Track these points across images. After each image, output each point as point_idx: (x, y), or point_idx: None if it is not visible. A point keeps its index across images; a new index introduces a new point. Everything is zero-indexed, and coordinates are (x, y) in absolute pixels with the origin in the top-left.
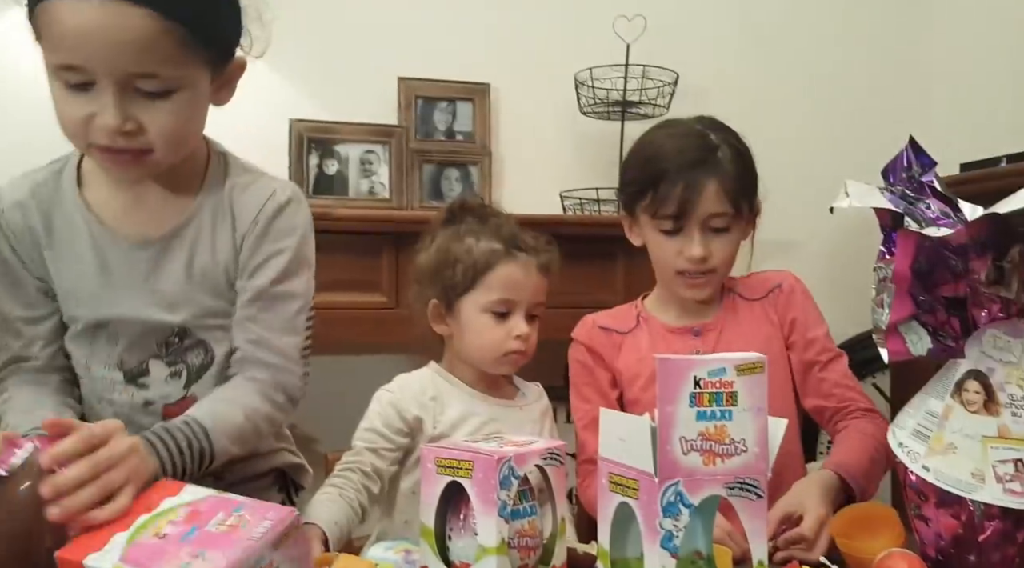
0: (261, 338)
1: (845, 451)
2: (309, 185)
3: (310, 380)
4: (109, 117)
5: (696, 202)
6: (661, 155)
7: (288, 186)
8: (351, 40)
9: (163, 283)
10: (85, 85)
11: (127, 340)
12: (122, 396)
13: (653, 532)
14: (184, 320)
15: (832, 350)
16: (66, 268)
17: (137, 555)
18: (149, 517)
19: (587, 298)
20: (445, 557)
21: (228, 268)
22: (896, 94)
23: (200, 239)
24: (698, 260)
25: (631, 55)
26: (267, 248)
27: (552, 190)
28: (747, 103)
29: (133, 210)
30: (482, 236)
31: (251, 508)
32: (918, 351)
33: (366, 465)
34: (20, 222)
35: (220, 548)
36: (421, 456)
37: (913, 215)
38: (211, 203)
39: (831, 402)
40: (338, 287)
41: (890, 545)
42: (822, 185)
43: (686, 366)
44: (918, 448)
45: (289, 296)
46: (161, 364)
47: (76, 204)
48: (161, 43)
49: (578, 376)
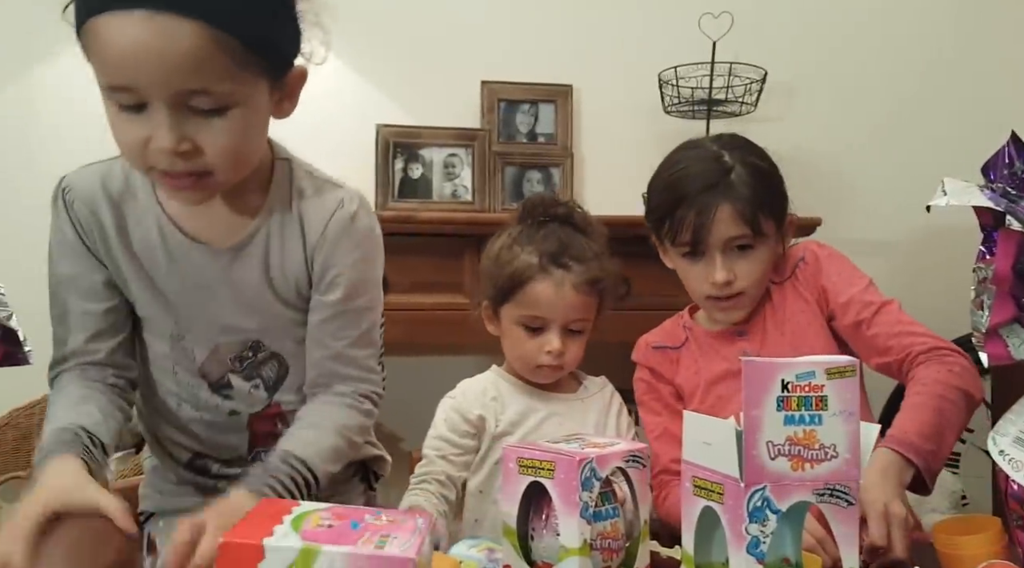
0: (339, 354)
1: (900, 417)
2: (394, 189)
3: (395, 380)
4: (164, 139)
5: (710, 227)
6: (677, 182)
7: (355, 195)
8: (435, 45)
9: (236, 292)
10: (138, 106)
11: (204, 352)
12: (208, 403)
13: (739, 537)
14: (258, 331)
15: (874, 302)
16: (143, 267)
17: (319, 536)
18: (293, 517)
19: (669, 299)
20: (528, 557)
21: (299, 281)
22: (996, 88)
23: (271, 250)
24: (722, 285)
25: (717, 53)
26: (338, 262)
27: (634, 191)
28: (837, 100)
29: (202, 217)
30: (527, 247)
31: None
32: (1020, 354)
33: (440, 474)
34: (89, 215)
35: (401, 533)
36: (503, 455)
37: (1016, 213)
38: (279, 212)
39: (892, 355)
40: (421, 289)
41: (990, 544)
42: (917, 183)
43: (773, 369)
44: (1021, 457)
45: (363, 310)
46: (239, 378)
47: (150, 203)
48: (214, 57)
49: (644, 394)
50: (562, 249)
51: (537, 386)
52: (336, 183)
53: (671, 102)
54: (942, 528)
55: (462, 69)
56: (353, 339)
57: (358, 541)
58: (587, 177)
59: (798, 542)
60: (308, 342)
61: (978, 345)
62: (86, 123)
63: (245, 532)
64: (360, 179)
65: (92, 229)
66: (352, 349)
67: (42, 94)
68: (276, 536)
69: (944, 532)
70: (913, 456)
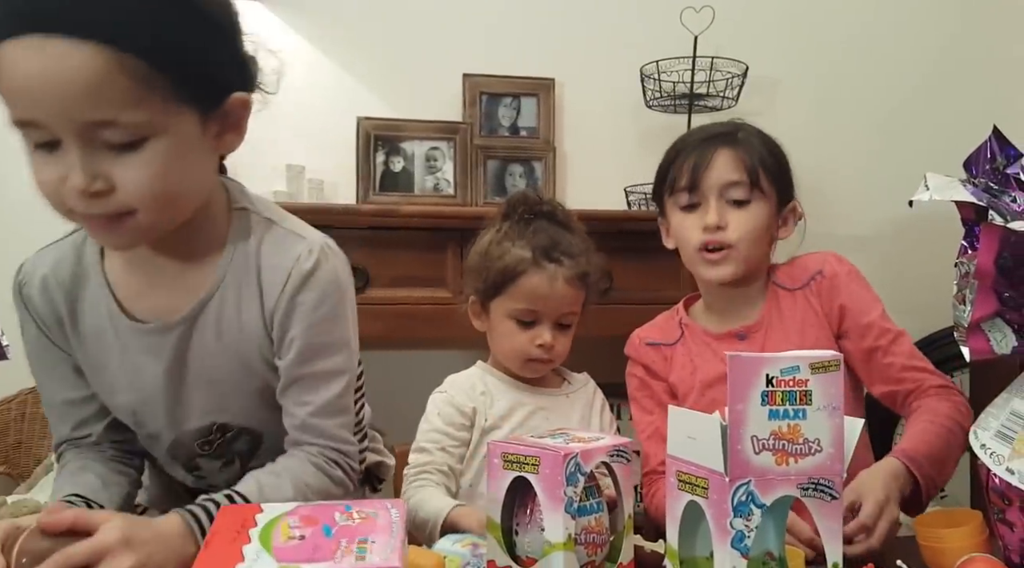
0: (306, 424)
1: (912, 436)
2: (376, 182)
3: (378, 374)
4: (75, 178)
5: (708, 171)
6: (681, 138)
7: (317, 245)
8: (416, 37)
9: (195, 370)
10: (50, 144)
11: (169, 437)
12: (185, 481)
13: (723, 532)
14: (221, 411)
15: (891, 330)
16: (93, 356)
17: (294, 554)
18: (260, 529)
19: (652, 294)
20: (512, 552)
21: (261, 345)
22: (978, 83)
23: (224, 313)
24: (712, 227)
25: (699, 47)
26: (294, 325)
27: (617, 185)
28: (819, 95)
29: (150, 287)
30: (517, 241)
31: (358, 505)
32: (1002, 349)
33: (442, 465)
34: (43, 303)
35: (377, 534)
36: (488, 450)
37: (997, 208)
38: (235, 270)
39: (903, 386)
40: (404, 283)
41: (971, 537)
42: (899, 178)
43: (758, 364)
44: (1002, 450)
45: (327, 375)
46: (208, 460)
47: (100, 286)
48: (115, 83)
49: (636, 390)
50: (553, 244)
51: (523, 381)
52: (298, 233)
53: (653, 96)
54: (924, 521)
55: (444, 62)
56: (317, 407)
57: (336, 553)
58: (569, 171)
59: (782, 536)
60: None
61: (960, 340)
62: None
63: (215, 559)
64: (341, 172)
65: (51, 321)
66: (317, 418)
67: None
68: (248, 560)
69: (926, 525)
70: (919, 475)
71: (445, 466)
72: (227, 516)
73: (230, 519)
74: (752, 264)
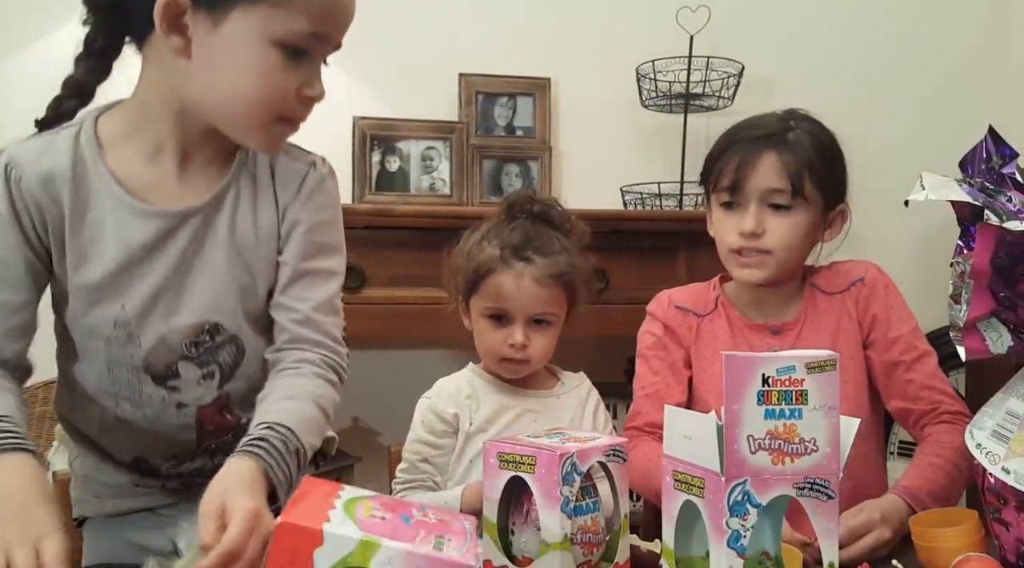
0: (308, 318)
1: (917, 470)
2: (372, 182)
3: (373, 374)
4: (320, 87)
5: (751, 175)
6: (733, 130)
7: (326, 161)
8: (413, 37)
9: (199, 263)
10: (298, 53)
11: (151, 339)
12: (151, 398)
13: (720, 531)
14: (218, 310)
15: (919, 348)
16: (90, 252)
17: (375, 529)
18: (344, 502)
19: (647, 294)
20: (508, 551)
21: (269, 240)
22: (973, 83)
23: (239, 212)
24: (748, 234)
25: (695, 47)
26: (310, 219)
27: (613, 185)
28: (814, 94)
29: (173, 182)
30: (493, 240)
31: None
32: (998, 349)
33: (426, 480)
34: (39, 193)
35: (453, 535)
36: (484, 450)
37: (993, 208)
38: (249, 168)
39: (918, 405)
40: (399, 282)
41: (967, 537)
42: (896, 178)
43: (753, 363)
44: (998, 450)
45: (329, 274)
46: (191, 366)
47: (102, 176)
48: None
49: (649, 349)
50: (525, 242)
51: (512, 383)
52: (305, 150)
53: (649, 96)
54: (920, 521)
55: (440, 61)
56: (318, 303)
57: (415, 539)
58: (565, 171)
59: (778, 536)
60: (273, 310)
61: (956, 339)
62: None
63: (302, 514)
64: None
65: (38, 215)
66: (318, 314)
67: None
68: (333, 522)
69: (922, 525)
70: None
71: (430, 481)
72: (312, 485)
73: (315, 487)
74: (787, 268)
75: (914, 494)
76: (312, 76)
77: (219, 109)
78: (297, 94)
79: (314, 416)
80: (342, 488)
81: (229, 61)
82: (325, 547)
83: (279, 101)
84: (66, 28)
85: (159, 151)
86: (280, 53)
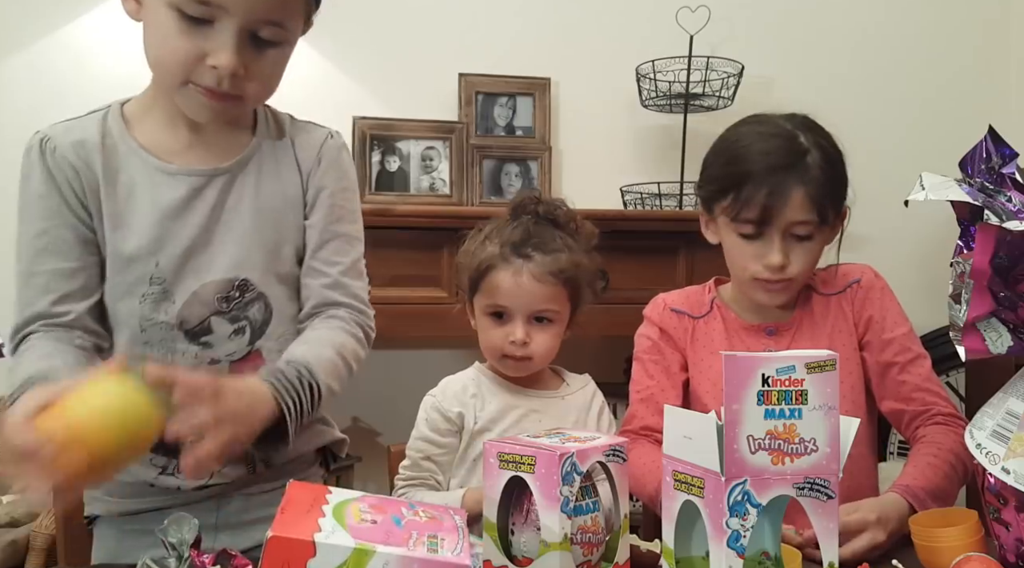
0: (337, 282)
1: (915, 469)
2: (372, 182)
3: (373, 374)
4: (226, 58)
5: (780, 209)
6: (747, 156)
7: (340, 133)
8: (412, 37)
9: (227, 220)
10: (200, 21)
11: (185, 295)
12: (184, 356)
13: (719, 531)
14: (247, 266)
15: (913, 350)
16: (124, 213)
17: (368, 535)
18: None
19: (647, 294)
20: (508, 551)
21: (295, 202)
22: (972, 83)
23: (263, 174)
24: (777, 268)
25: (694, 47)
26: (330, 185)
27: (612, 185)
28: (813, 94)
29: (193, 146)
30: (495, 239)
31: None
32: (997, 349)
33: (428, 479)
34: (77, 163)
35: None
36: (484, 450)
37: (993, 208)
38: (269, 138)
39: (911, 406)
40: (399, 282)
41: (967, 536)
42: (896, 178)
43: (753, 363)
44: (998, 450)
45: (352, 239)
46: (223, 321)
47: (130, 146)
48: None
49: (646, 352)
50: (525, 239)
51: (518, 383)
52: (317, 123)
53: (648, 96)
54: (919, 520)
55: (440, 61)
56: (346, 267)
57: (408, 542)
58: (565, 170)
59: (778, 536)
60: (304, 275)
61: (956, 339)
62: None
63: (291, 525)
64: None
65: (75, 179)
66: (347, 278)
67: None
68: (325, 531)
69: (921, 524)
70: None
71: (432, 480)
72: (298, 490)
73: (302, 493)
74: (803, 284)
75: (914, 493)
76: (217, 46)
77: (152, 70)
78: (197, 61)
79: (332, 359)
80: (329, 491)
81: (148, 22)
82: (319, 558)
83: (180, 65)
84: (66, 28)
85: (173, 118)
86: (177, 15)
